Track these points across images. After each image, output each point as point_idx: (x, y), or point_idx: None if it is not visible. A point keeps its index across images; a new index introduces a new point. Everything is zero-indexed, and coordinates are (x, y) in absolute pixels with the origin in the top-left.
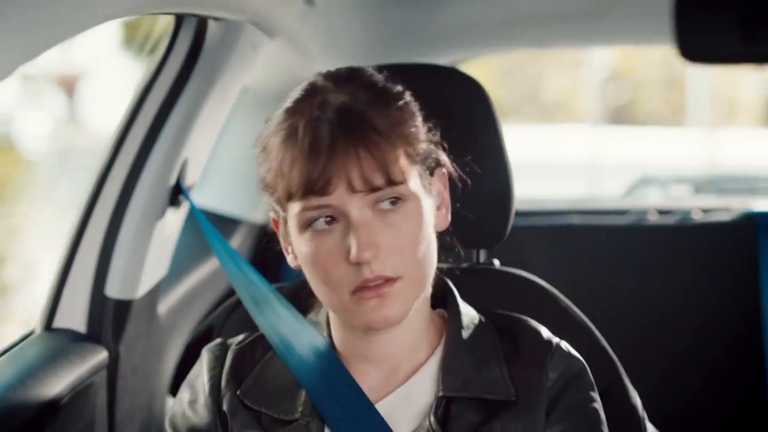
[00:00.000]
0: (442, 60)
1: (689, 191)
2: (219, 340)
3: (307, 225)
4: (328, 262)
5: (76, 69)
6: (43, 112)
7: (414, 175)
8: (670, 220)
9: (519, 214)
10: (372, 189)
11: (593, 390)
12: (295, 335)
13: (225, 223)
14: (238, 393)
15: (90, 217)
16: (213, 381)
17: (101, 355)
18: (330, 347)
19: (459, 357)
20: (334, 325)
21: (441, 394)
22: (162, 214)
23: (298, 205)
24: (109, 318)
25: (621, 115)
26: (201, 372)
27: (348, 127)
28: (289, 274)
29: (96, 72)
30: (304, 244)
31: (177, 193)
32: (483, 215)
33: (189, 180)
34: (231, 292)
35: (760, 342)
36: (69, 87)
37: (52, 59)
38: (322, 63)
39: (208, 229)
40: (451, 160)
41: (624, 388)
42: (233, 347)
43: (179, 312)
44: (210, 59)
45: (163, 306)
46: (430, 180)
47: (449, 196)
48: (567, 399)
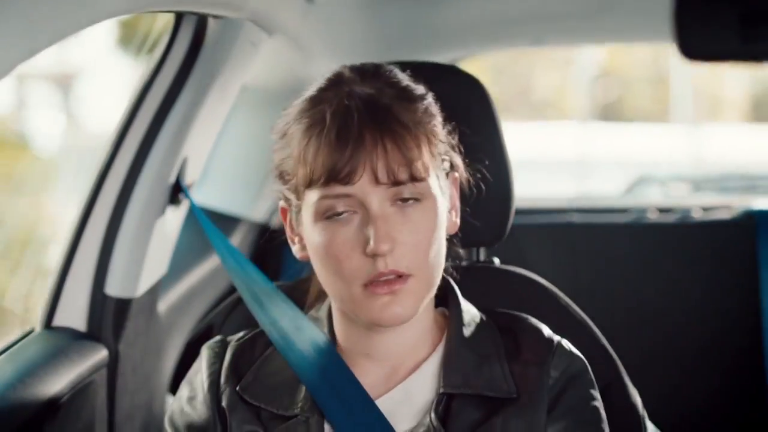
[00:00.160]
0: (441, 57)
1: (689, 189)
2: (219, 337)
3: (324, 214)
4: (342, 252)
5: (71, 67)
6: (56, 110)
7: (434, 175)
8: (670, 218)
9: (519, 212)
10: (395, 182)
11: (594, 388)
12: (296, 331)
13: (224, 222)
14: (237, 389)
15: (90, 216)
16: (212, 377)
17: (101, 354)
18: (331, 344)
19: (460, 354)
20: (336, 322)
21: (442, 390)
22: (162, 212)
23: (317, 193)
24: (109, 316)
25: (609, 112)
26: (200, 369)
27: (376, 119)
28: (289, 271)
29: (92, 71)
30: (318, 233)
31: (177, 192)
32: (483, 213)
33: (189, 178)
34: (231, 290)
35: (760, 340)
36: (64, 85)
37: (47, 57)
38: (321, 61)
39: (208, 227)
40: (462, 162)
41: (624, 386)
42: (233, 343)
43: (179, 310)
44: (210, 57)
45: (163, 304)
46: (445, 182)
47: (459, 201)
48: (568, 397)
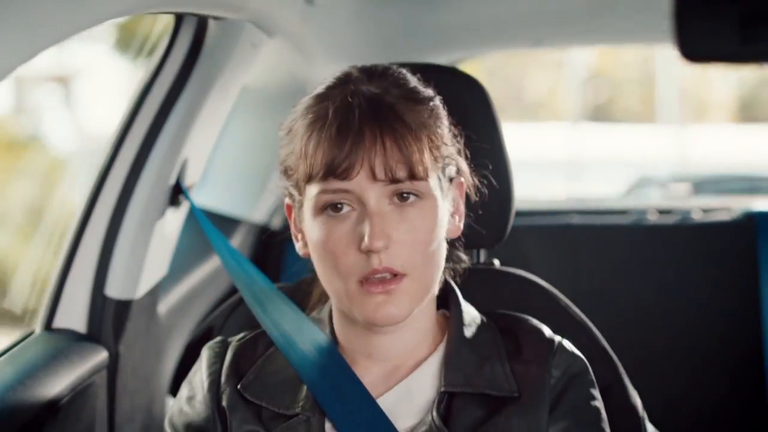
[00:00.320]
0: (441, 59)
1: (689, 191)
2: (219, 337)
3: (323, 209)
4: (338, 248)
5: (68, 69)
6: (71, 111)
7: (434, 176)
8: (670, 219)
9: (519, 214)
10: (393, 180)
11: (594, 388)
12: (298, 332)
13: (225, 223)
14: (238, 387)
15: (90, 217)
16: (212, 377)
17: (101, 355)
18: (332, 343)
19: (461, 354)
20: (337, 322)
21: (443, 389)
22: (162, 214)
23: (316, 188)
24: (110, 318)
25: (600, 113)
26: (200, 369)
27: (377, 116)
28: (290, 273)
29: (89, 72)
30: (317, 228)
31: (177, 193)
32: (483, 215)
33: (189, 180)
34: (231, 292)
35: (760, 341)
36: (62, 87)
37: (46, 59)
38: (321, 62)
39: (208, 228)
40: (468, 167)
41: (624, 387)
42: (234, 344)
43: (179, 312)
44: (210, 58)
45: (163, 306)
46: (448, 185)
47: (464, 206)
48: (569, 397)
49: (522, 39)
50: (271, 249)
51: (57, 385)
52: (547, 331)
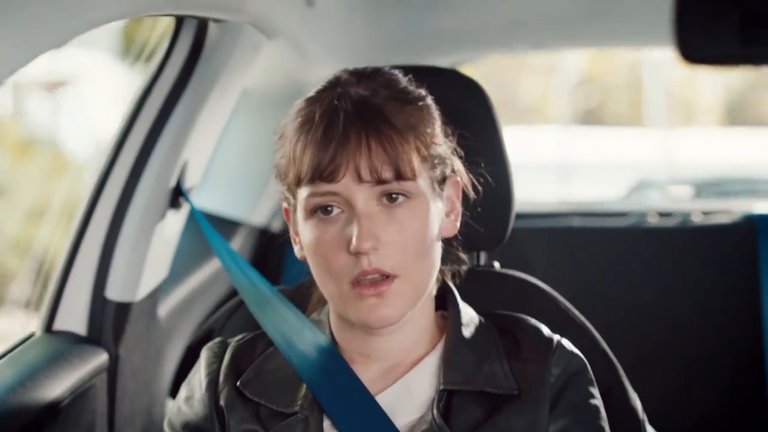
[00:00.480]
0: (442, 61)
1: (689, 193)
2: (219, 339)
3: (313, 211)
4: (329, 250)
5: (62, 74)
6: (86, 116)
7: (425, 176)
8: (670, 222)
9: (519, 216)
10: (379, 181)
11: (593, 386)
12: (298, 333)
13: (225, 225)
14: (238, 384)
15: (90, 220)
16: (211, 377)
17: (101, 358)
18: (332, 344)
19: (460, 352)
20: (335, 324)
21: (442, 387)
22: (162, 216)
23: (305, 191)
24: (110, 320)
25: (590, 117)
26: (199, 369)
27: (362, 118)
28: (290, 275)
29: (83, 78)
30: (309, 230)
31: (177, 195)
32: (483, 218)
33: (189, 182)
34: (231, 294)
35: (760, 344)
36: (54, 92)
37: (38, 64)
38: (321, 64)
39: (209, 231)
40: (463, 166)
41: (624, 390)
42: (233, 344)
43: (179, 314)
44: (210, 61)
45: (164, 308)
46: (441, 184)
47: (460, 205)
48: (569, 395)
49: (522, 42)
50: (272, 251)
51: (57, 388)
52: (546, 330)
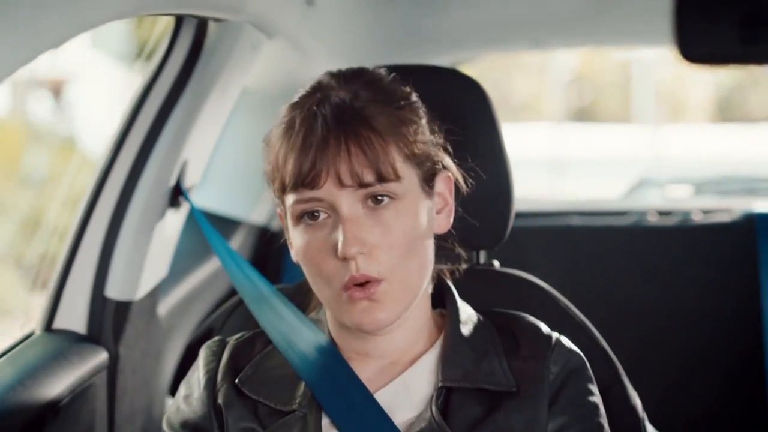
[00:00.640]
0: (442, 61)
1: (689, 192)
2: (217, 337)
3: (300, 217)
4: (318, 255)
5: (63, 73)
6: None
7: (411, 175)
8: (670, 221)
9: (519, 215)
10: (361, 184)
11: (593, 383)
12: (297, 332)
13: (225, 224)
14: (236, 381)
15: (90, 218)
16: (209, 375)
17: (101, 357)
18: (331, 343)
19: (458, 350)
20: (332, 324)
21: (440, 384)
22: (162, 215)
23: (291, 198)
24: (109, 319)
25: (582, 115)
26: (197, 367)
27: (341, 122)
28: (290, 274)
29: (83, 76)
30: (298, 237)
31: (177, 194)
32: (483, 216)
33: (189, 181)
34: (231, 293)
35: (760, 343)
36: (56, 91)
37: (40, 62)
38: (321, 63)
39: (208, 230)
40: (458, 165)
41: (624, 388)
42: (231, 343)
43: (179, 313)
44: (210, 60)
45: (163, 307)
46: (431, 182)
47: (453, 200)
48: (568, 392)
49: (522, 40)
50: (271, 251)
51: (57, 386)
52: (544, 328)
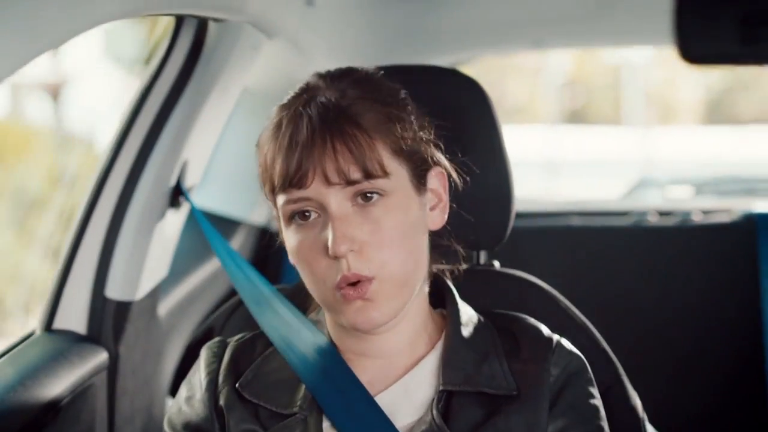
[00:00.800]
0: (442, 61)
1: (689, 192)
2: (218, 338)
3: (291, 218)
4: (310, 255)
5: (61, 75)
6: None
7: (400, 171)
8: (670, 221)
9: (519, 215)
10: (348, 182)
11: (593, 386)
12: (297, 333)
13: (225, 225)
14: (237, 386)
15: (90, 219)
16: (210, 376)
17: (101, 357)
18: (331, 344)
19: (459, 352)
20: (330, 324)
21: (441, 387)
22: (162, 215)
23: (281, 198)
24: (110, 319)
25: (576, 117)
26: (198, 368)
27: (326, 121)
28: (290, 274)
29: (81, 79)
30: (290, 237)
31: (177, 195)
32: (483, 217)
33: (189, 181)
34: (231, 293)
35: (760, 343)
36: (54, 93)
37: (38, 65)
38: (322, 63)
39: (208, 230)
40: (451, 161)
41: (624, 389)
42: (232, 344)
43: (179, 313)
44: (210, 60)
45: (164, 307)
46: (422, 178)
47: (447, 195)
48: (568, 395)
49: (522, 41)
50: (271, 251)
51: (57, 387)
52: (545, 330)
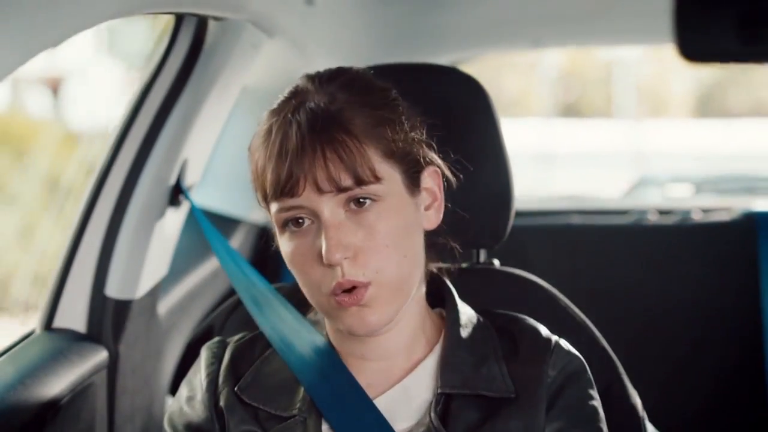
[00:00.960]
0: (442, 60)
1: (689, 191)
2: (218, 338)
3: (285, 225)
4: (304, 263)
5: (60, 70)
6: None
7: (393, 175)
8: (670, 220)
9: (519, 213)
10: (340, 189)
11: (592, 388)
12: (295, 334)
13: (225, 223)
14: (236, 389)
15: (90, 217)
16: (210, 377)
17: (101, 355)
18: (329, 345)
19: (458, 354)
20: (328, 326)
21: (440, 390)
22: (162, 214)
23: (274, 206)
24: (109, 318)
25: (569, 110)
26: (199, 369)
27: (315, 129)
28: (289, 274)
29: (80, 73)
30: (284, 244)
31: (177, 193)
32: (483, 215)
33: (189, 180)
34: (231, 292)
35: (760, 341)
36: (54, 88)
37: (38, 60)
38: (321, 62)
39: (208, 229)
40: (450, 159)
41: (624, 387)
42: (232, 344)
43: (179, 312)
44: (210, 59)
45: (163, 306)
46: (416, 179)
47: (443, 194)
48: (566, 396)
49: (522, 40)
50: (271, 250)
51: (57, 385)
52: (544, 331)
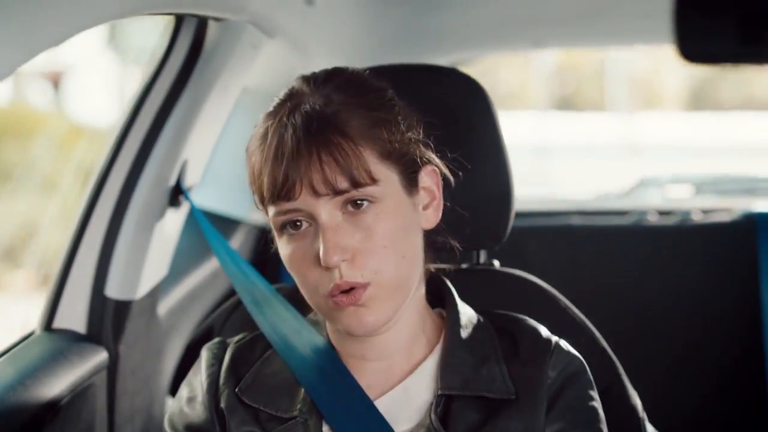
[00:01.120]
0: (442, 60)
1: (690, 192)
2: (218, 338)
3: (282, 228)
4: (302, 265)
5: (61, 64)
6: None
7: (389, 176)
8: (670, 220)
9: (519, 214)
10: (336, 192)
11: (592, 389)
12: (296, 335)
13: (225, 224)
14: (236, 390)
15: (90, 218)
16: (211, 378)
17: (101, 356)
18: (329, 346)
19: (458, 355)
20: (329, 326)
21: (440, 392)
22: (162, 214)
23: (271, 210)
24: (109, 318)
25: (564, 103)
26: (199, 370)
27: (310, 131)
28: (289, 275)
29: (81, 67)
30: (282, 247)
31: (177, 194)
32: (483, 216)
33: (189, 180)
34: (231, 292)
35: (760, 343)
36: (55, 82)
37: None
38: (321, 63)
39: (208, 230)
40: (450, 160)
41: (624, 388)
42: (232, 345)
43: (179, 313)
44: (210, 59)
45: (163, 307)
46: (413, 179)
47: (442, 194)
48: (566, 397)
49: (522, 40)
50: (271, 251)
51: (57, 386)
52: (544, 331)
